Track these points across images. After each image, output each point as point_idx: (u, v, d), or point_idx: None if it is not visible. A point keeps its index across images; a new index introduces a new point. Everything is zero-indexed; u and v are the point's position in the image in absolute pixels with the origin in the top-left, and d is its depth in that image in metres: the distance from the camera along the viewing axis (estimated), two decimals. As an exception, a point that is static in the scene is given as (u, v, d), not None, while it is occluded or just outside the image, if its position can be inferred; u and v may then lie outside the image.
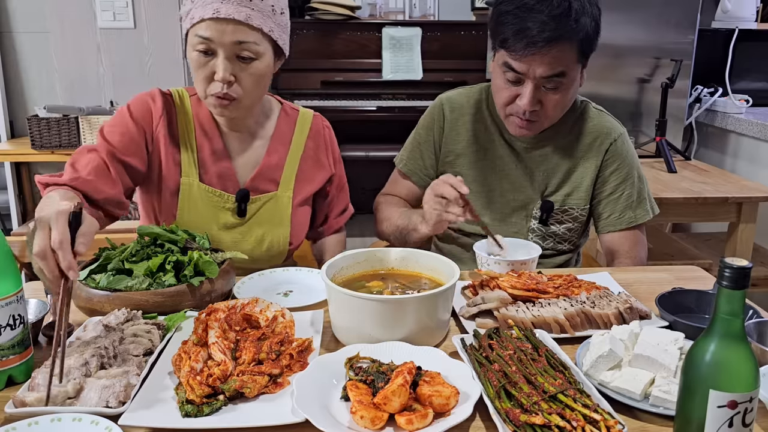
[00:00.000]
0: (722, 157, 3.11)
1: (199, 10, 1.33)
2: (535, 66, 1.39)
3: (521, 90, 1.44)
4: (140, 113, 1.45)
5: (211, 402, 0.93)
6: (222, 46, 1.34)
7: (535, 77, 1.41)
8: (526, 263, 1.38)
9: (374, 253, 1.29)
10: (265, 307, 1.14)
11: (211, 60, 1.36)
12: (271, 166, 1.54)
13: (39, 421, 0.87)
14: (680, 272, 1.51)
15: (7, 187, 3.32)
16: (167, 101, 1.48)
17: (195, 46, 1.35)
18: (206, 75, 1.37)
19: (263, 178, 1.53)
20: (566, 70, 1.41)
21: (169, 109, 1.48)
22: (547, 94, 1.44)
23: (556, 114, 1.52)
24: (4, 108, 3.28)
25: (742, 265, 0.74)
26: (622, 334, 1.05)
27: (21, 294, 1.00)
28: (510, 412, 0.87)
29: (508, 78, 1.45)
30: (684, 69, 2.88)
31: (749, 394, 0.75)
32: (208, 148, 1.49)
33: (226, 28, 1.32)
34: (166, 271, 1.23)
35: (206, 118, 1.50)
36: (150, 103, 1.46)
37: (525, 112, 1.46)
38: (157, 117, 1.46)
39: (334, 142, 1.67)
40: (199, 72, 1.37)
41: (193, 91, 1.51)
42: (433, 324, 1.11)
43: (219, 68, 1.35)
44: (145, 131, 1.45)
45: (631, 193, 1.61)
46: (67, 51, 3.12)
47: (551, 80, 1.42)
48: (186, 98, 1.51)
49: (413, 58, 3.47)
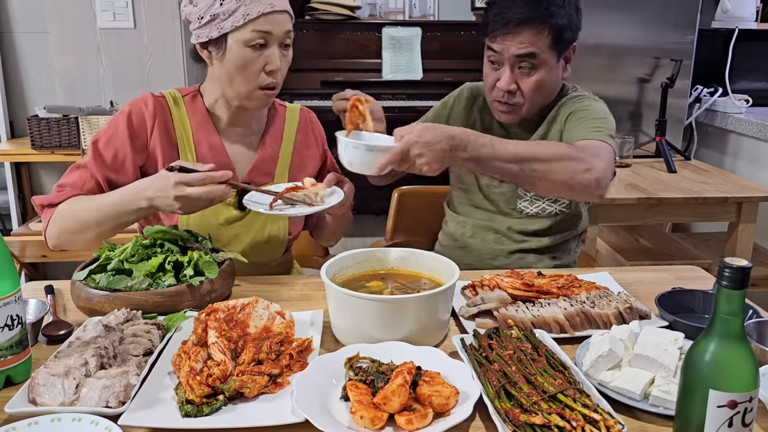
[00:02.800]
0: (722, 157, 3.11)
1: (253, 5, 1.35)
2: (509, 45, 1.51)
3: (501, 73, 1.56)
4: (135, 123, 1.45)
5: (210, 402, 0.93)
6: (276, 37, 1.39)
7: (510, 56, 1.52)
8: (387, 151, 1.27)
9: (374, 253, 1.29)
10: (265, 307, 1.14)
11: (260, 55, 1.38)
12: (266, 159, 1.56)
13: (39, 421, 0.87)
14: (680, 272, 1.51)
15: (7, 187, 3.32)
16: (160, 104, 1.48)
17: (250, 41, 1.36)
18: (257, 68, 1.39)
19: (259, 171, 1.55)
20: (537, 51, 1.51)
21: (164, 111, 1.48)
22: (523, 77, 1.54)
23: (535, 97, 1.57)
24: (4, 108, 3.28)
25: (742, 265, 0.74)
26: (621, 334, 1.05)
27: (19, 294, 1.00)
28: (510, 412, 0.87)
29: (490, 60, 1.58)
30: (684, 69, 2.88)
31: (749, 394, 0.75)
32: (206, 145, 1.50)
33: (279, 20, 1.38)
34: (165, 272, 1.24)
35: (202, 115, 1.51)
36: (143, 110, 1.46)
37: (504, 94, 1.56)
38: (151, 123, 1.46)
39: (321, 129, 1.70)
40: (250, 66, 1.39)
41: (186, 92, 1.53)
42: (432, 324, 1.11)
43: (273, 59, 1.39)
44: (140, 141, 1.45)
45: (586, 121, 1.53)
46: (67, 51, 3.12)
47: (524, 60, 1.52)
48: (179, 98, 1.52)
49: (413, 58, 3.47)
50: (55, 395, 0.92)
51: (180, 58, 3.20)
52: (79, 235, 1.38)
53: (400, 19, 3.74)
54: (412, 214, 2.09)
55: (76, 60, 3.14)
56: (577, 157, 1.34)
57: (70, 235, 1.39)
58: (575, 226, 1.71)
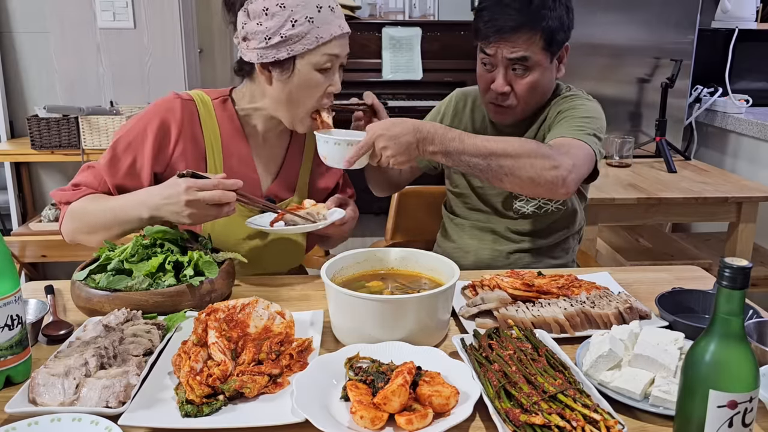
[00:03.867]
0: (722, 157, 3.11)
1: (324, 29, 1.33)
2: (502, 48, 1.52)
3: (494, 75, 1.56)
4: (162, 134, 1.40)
5: (210, 402, 0.93)
6: (341, 59, 1.40)
7: (503, 59, 1.53)
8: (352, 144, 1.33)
9: (374, 253, 1.29)
10: (265, 307, 1.14)
11: (327, 77, 1.38)
12: (289, 172, 1.55)
13: (39, 421, 0.87)
14: (680, 272, 1.51)
15: (7, 187, 3.31)
16: (188, 109, 1.43)
17: (322, 65, 1.35)
18: (321, 91, 1.38)
19: (281, 185, 1.54)
20: (530, 55, 1.51)
21: (192, 117, 1.43)
22: (517, 78, 1.55)
23: (529, 98, 1.57)
24: (4, 108, 3.27)
25: (742, 265, 0.74)
26: (622, 334, 1.05)
27: (19, 294, 1.00)
28: (510, 412, 0.87)
29: (483, 63, 1.58)
30: (684, 69, 2.88)
31: (749, 394, 0.75)
32: (235, 154, 1.47)
33: (345, 42, 1.39)
34: (166, 272, 1.23)
35: (232, 122, 1.47)
36: (170, 119, 1.41)
37: (497, 96, 1.56)
38: (177, 132, 1.40)
39: None
40: (317, 89, 1.37)
41: (215, 95, 1.48)
42: (433, 324, 1.11)
43: (336, 82, 1.40)
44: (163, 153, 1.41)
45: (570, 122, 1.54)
46: (67, 51, 3.12)
47: (517, 63, 1.52)
48: (209, 102, 1.46)
49: (413, 58, 3.47)
50: (55, 395, 0.92)
51: (180, 58, 3.20)
52: (90, 236, 1.39)
53: (400, 19, 3.74)
54: (412, 214, 2.09)
55: (76, 60, 3.14)
56: (544, 154, 1.35)
57: (82, 235, 1.40)
58: (572, 224, 1.71)
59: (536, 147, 1.36)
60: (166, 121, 1.41)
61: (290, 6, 1.30)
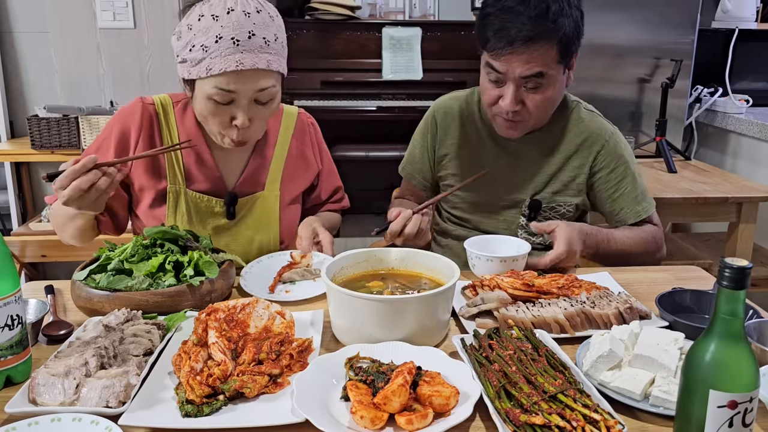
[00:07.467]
0: (722, 157, 3.11)
1: (217, 61, 1.26)
2: (514, 66, 1.42)
3: (504, 91, 1.47)
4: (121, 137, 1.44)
5: (211, 402, 0.93)
6: (243, 95, 1.31)
7: (515, 77, 1.44)
8: (517, 260, 1.39)
9: (374, 253, 1.29)
10: (265, 308, 1.14)
11: (227, 107, 1.33)
12: (257, 168, 1.54)
13: (39, 421, 0.87)
14: (680, 272, 1.51)
15: (7, 187, 3.31)
16: (148, 113, 1.46)
17: (212, 96, 1.30)
18: (222, 120, 1.35)
19: (250, 181, 1.53)
20: (545, 70, 1.43)
21: (150, 121, 1.46)
22: (529, 94, 1.47)
23: (540, 113, 1.52)
24: (4, 108, 3.27)
25: (742, 265, 0.74)
26: (622, 334, 1.05)
27: (19, 294, 1.00)
28: (510, 412, 0.87)
29: (491, 78, 1.49)
30: (684, 69, 2.88)
31: (749, 394, 0.75)
32: (194, 157, 1.48)
33: (249, 78, 1.29)
34: (166, 272, 1.23)
35: (192, 126, 1.48)
36: (130, 122, 1.45)
37: (508, 112, 1.49)
38: (136, 136, 1.44)
39: (320, 137, 1.67)
40: (214, 118, 1.35)
41: (178, 98, 1.49)
42: (433, 324, 1.11)
43: (239, 116, 1.33)
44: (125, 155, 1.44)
45: (635, 188, 1.61)
46: (67, 51, 3.12)
47: (531, 80, 1.44)
48: (169, 106, 1.48)
49: (413, 58, 3.46)
50: (55, 395, 0.92)
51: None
52: (61, 234, 1.48)
53: (400, 19, 3.74)
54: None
55: (76, 60, 3.14)
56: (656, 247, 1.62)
57: (58, 233, 1.49)
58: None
59: (651, 240, 1.60)
60: (127, 126, 1.45)
61: (195, 30, 1.29)
